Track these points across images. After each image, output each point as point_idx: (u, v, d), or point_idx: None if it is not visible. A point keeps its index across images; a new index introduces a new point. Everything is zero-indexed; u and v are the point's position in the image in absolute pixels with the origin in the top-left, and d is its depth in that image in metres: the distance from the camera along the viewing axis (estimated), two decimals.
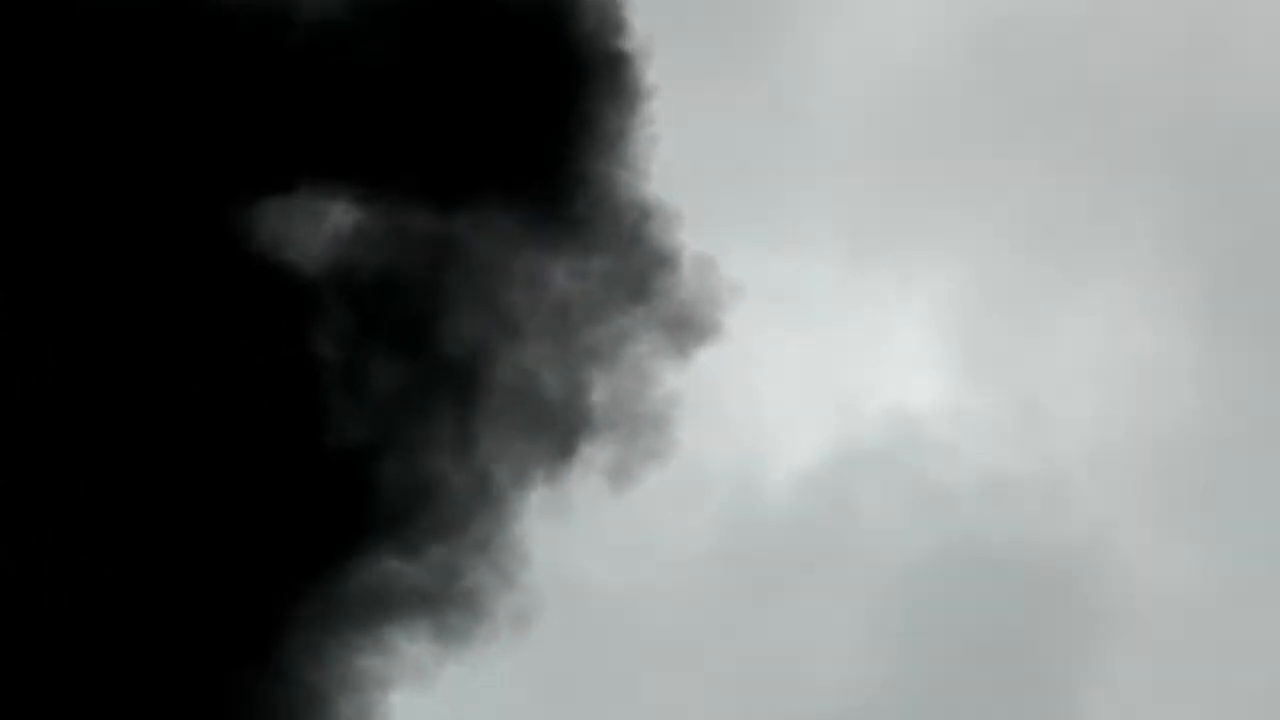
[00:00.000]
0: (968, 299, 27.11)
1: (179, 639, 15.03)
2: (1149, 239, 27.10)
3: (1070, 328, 27.02)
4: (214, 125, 15.81)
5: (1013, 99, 27.75)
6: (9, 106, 15.48)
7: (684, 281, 21.02)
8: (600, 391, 20.70)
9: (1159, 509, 27.53)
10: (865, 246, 27.58)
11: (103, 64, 15.54)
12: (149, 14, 15.81)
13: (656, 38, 26.94)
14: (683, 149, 29.60)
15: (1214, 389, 27.18)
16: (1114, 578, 27.37)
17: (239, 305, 15.85)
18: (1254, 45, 26.78)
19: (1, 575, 14.48)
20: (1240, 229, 27.16)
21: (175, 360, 15.40)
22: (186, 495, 15.13)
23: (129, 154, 15.70)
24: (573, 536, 27.90)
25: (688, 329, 20.85)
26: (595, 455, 21.75)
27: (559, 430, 19.53)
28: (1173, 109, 27.26)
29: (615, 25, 19.30)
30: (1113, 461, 26.72)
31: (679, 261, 20.97)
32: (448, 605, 18.44)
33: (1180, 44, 26.83)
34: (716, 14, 28.62)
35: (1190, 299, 27.05)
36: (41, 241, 15.43)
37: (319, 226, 16.27)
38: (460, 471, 18.00)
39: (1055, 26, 27.83)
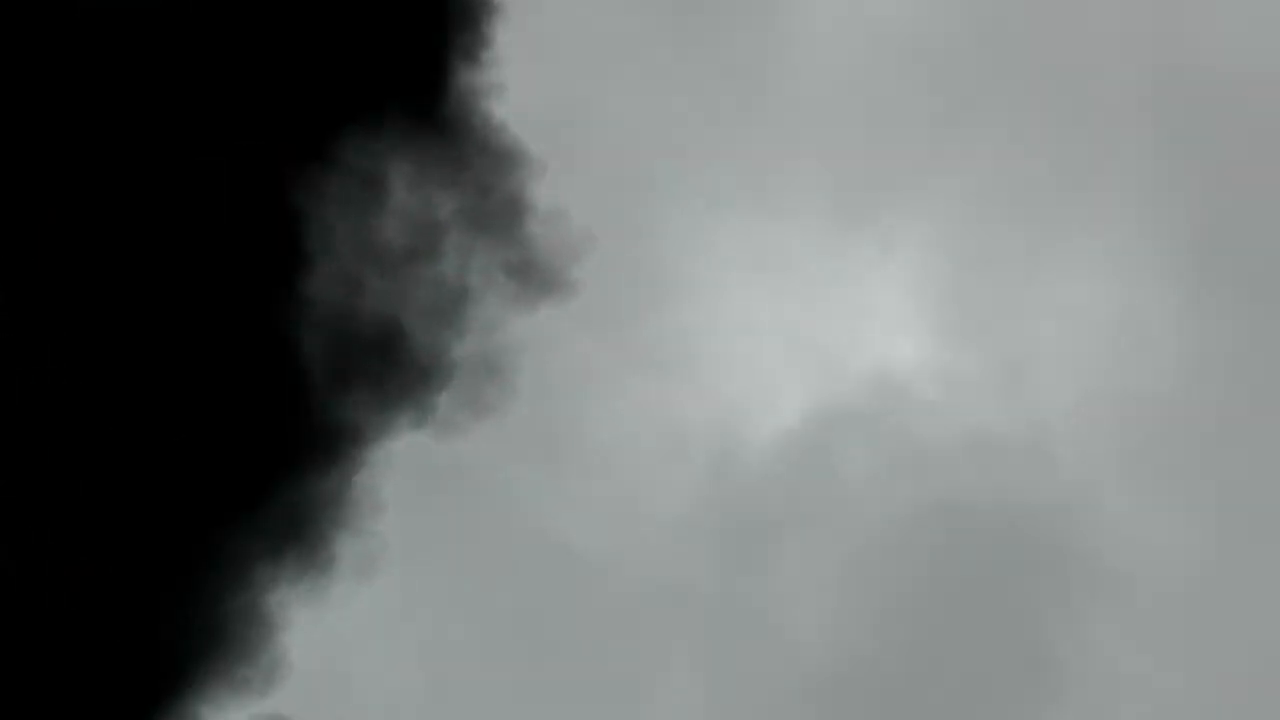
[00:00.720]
0: (949, 260, 27.17)
1: (111, 561, 15.30)
2: (1130, 200, 27.13)
3: (1052, 288, 27.07)
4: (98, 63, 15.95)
5: (993, 62, 27.83)
6: None
7: (536, 232, 20.93)
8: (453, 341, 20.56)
9: (1140, 467, 27.62)
10: (847, 209, 27.67)
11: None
12: None
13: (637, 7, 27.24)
14: (666, 114, 29.82)
15: (1196, 349, 27.22)
16: (1096, 536, 27.45)
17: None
18: (1230, 3, 26.86)
19: None
20: (1221, 189, 27.20)
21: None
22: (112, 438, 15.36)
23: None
24: (555, 495, 28.07)
25: (535, 279, 20.73)
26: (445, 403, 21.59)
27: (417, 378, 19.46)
28: (1152, 68, 27.34)
29: None
30: (1094, 420, 26.79)
31: (531, 211, 20.91)
32: (304, 546, 18.46)
33: (1157, 3, 26.92)
34: None
35: (1172, 259, 27.08)
36: None
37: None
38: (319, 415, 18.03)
39: None
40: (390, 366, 17.79)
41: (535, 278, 20.26)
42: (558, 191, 28.32)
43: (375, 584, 28.30)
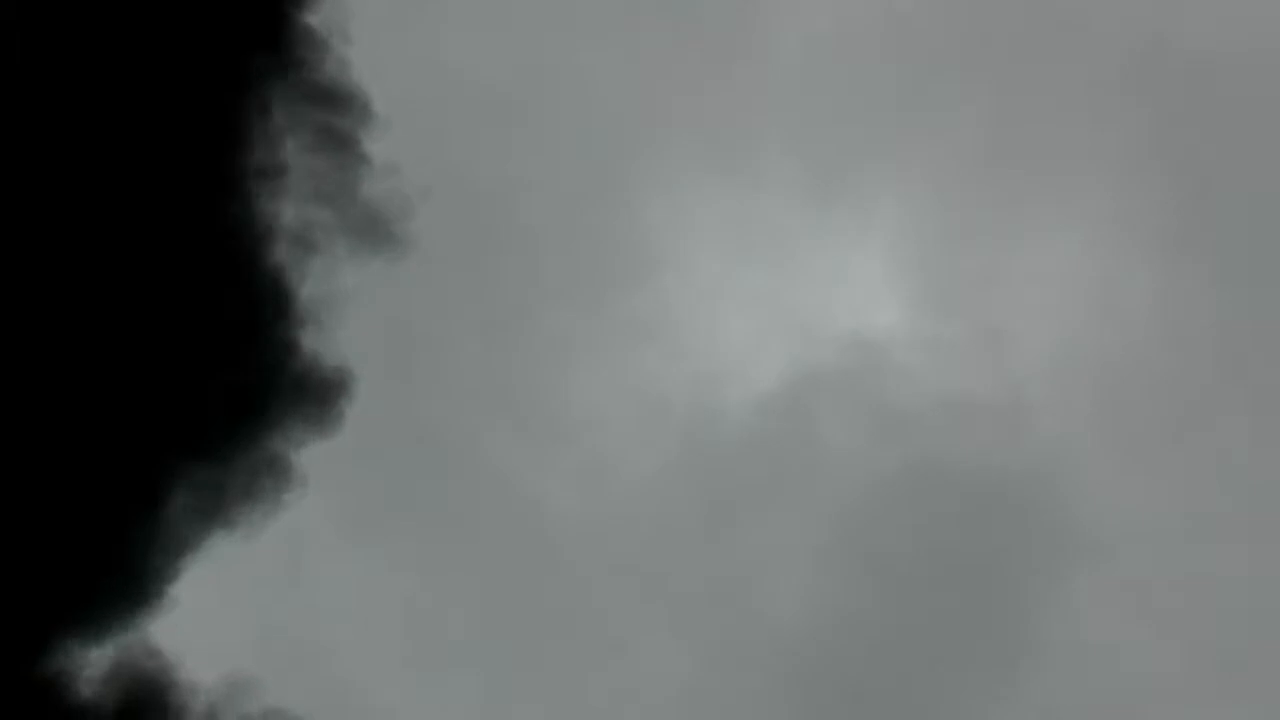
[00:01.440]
0: (927, 228, 27.33)
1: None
2: (1106, 169, 27.31)
3: (1028, 257, 27.23)
4: None
5: (974, 30, 27.99)
6: None
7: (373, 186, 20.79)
8: None
9: (1115, 432, 27.85)
10: (825, 177, 27.81)
11: None
12: None
13: None
14: (644, 86, 29.92)
15: (1171, 316, 27.43)
16: (1070, 498, 27.68)
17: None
18: None
19: None
20: (1197, 160, 27.38)
21: None
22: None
23: None
24: (535, 461, 28.14)
25: (373, 233, 20.51)
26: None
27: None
28: (1134, 39, 27.54)
29: None
30: (1071, 386, 26.98)
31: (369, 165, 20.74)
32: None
33: None
34: None
35: (1148, 228, 27.27)
36: None
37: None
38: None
39: None
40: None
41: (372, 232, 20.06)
42: (536, 163, 28.45)
43: (355, 549, 28.39)
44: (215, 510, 17.25)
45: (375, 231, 19.95)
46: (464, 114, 27.92)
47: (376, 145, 27.42)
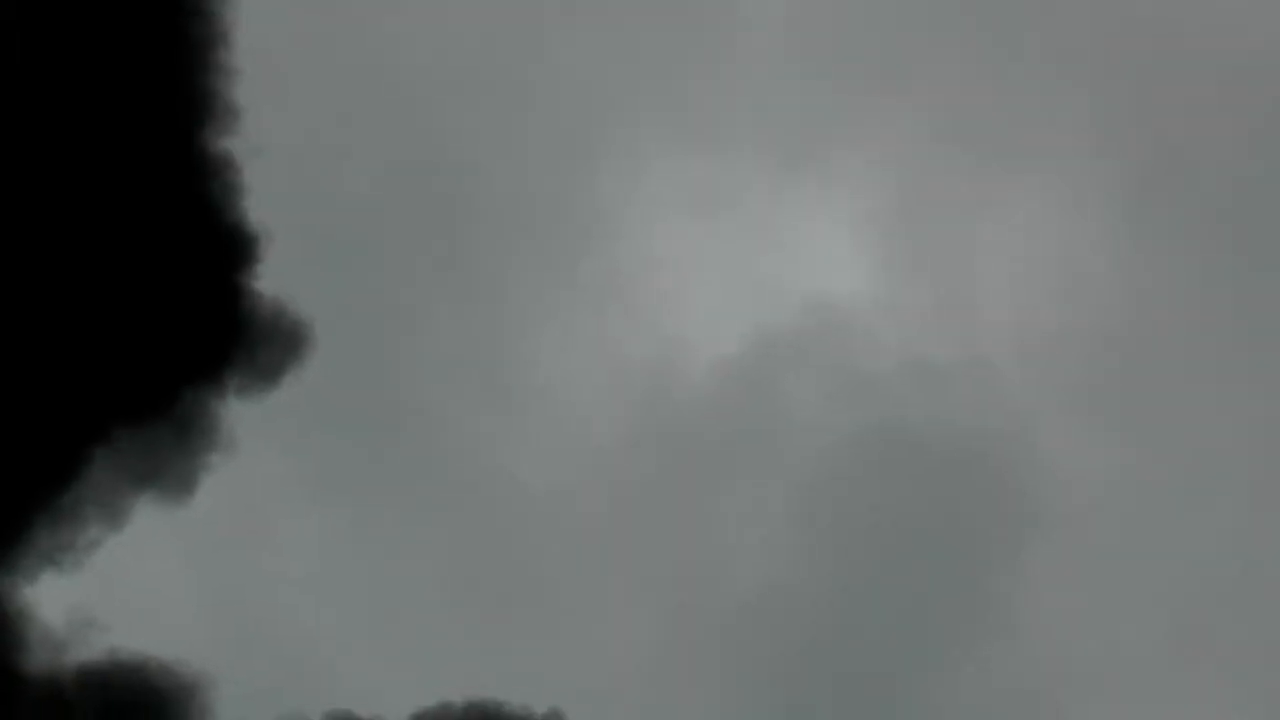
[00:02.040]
0: (891, 191, 27.31)
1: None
2: (1074, 134, 27.26)
3: (993, 219, 27.23)
4: None
5: (938, 2, 27.94)
6: None
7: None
8: None
9: (1081, 397, 27.91)
10: (788, 140, 27.80)
11: None
12: None
13: None
14: (604, 49, 29.87)
15: (1138, 282, 27.43)
16: (1035, 464, 27.76)
17: None
18: None
19: None
20: (1162, 128, 27.36)
21: None
22: None
23: None
24: (500, 427, 28.20)
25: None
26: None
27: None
28: (1096, 11, 27.50)
29: None
30: (1035, 350, 27.00)
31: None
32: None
33: None
34: None
35: (1112, 194, 27.25)
36: None
37: None
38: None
39: None
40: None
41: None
42: (500, 131, 28.46)
43: (319, 515, 28.46)
44: (144, 474, 17.14)
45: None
46: (428, 84, 27.95)
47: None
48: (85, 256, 15.51)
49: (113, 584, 20.62)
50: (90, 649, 17.70)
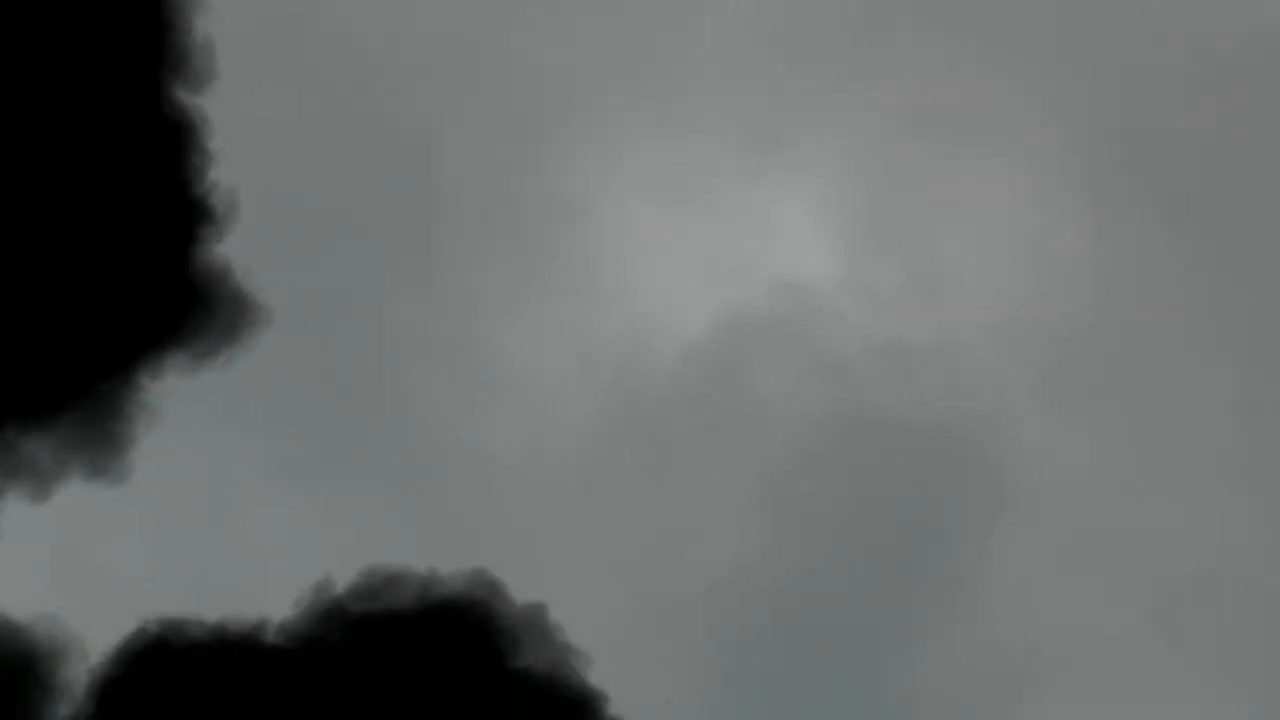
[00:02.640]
0: (861, 172, 27.20)
1: None
2: (1044, 119, 27.17)
3: (965, 202, 27.14)
4: None
5: None
6: None
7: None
8: None
9: (1053, 381, 27.82)
10: (757, 125, 27.70)
11: None
12: None
13: None
14: (569, 31, 29.77)
15: (1110, 266, 27.33)
16: (1006, 450, 27.65)
17: None
18: None
19: None
20: (1134, 111, 27.27)
21: None
22: None
23: None
24: (468, 409, 28.08)
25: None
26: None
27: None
28: None
29: None
30: (1007, 333, 26.90)
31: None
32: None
33: None
34: None
35: (1088, 176, 27.16)
36: None
37: None
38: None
39: None
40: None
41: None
42: (465, 112, 28.37)
43: (291, 497, 28.31)
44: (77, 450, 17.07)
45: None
46: (389, 65, 27.89)
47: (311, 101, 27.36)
48: (39, 220, 15.44)
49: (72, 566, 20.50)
50: None
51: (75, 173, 15.74)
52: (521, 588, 27.61)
